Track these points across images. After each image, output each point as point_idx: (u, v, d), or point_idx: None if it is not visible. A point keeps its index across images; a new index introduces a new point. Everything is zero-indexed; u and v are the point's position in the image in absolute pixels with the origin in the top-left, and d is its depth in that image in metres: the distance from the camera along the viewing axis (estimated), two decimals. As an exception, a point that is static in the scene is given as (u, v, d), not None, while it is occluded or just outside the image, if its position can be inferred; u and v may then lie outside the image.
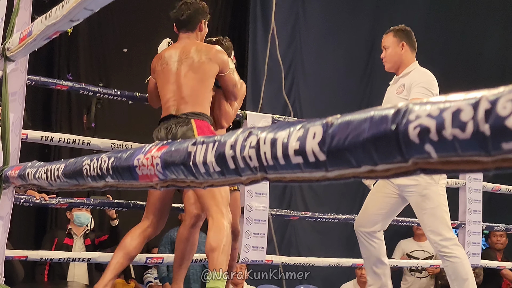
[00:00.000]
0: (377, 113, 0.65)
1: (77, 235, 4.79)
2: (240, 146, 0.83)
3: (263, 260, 4.26)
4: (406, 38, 3.49)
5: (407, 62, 3.49)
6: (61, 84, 3.68)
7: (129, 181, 1.12)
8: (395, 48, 3.48)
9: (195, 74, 3.21)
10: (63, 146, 3.62)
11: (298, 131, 0.74)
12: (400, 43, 3.47)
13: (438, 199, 3.26)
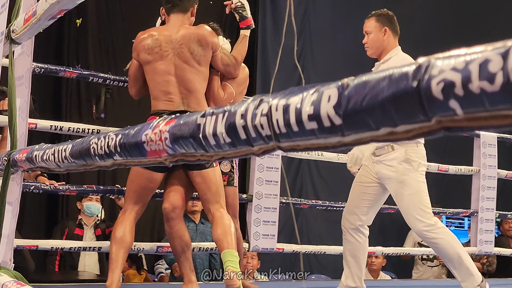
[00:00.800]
0: (396, 71, 0.61)
1: (88, 226, 4.78)
2: (251, 115, 0.80)
3: (274, 248, 4.23)
4: (388, 23, 3.41)
5: (390, 48, 3.40)
6: (70, 71, 3.66)
7: (138, 158, 1.09)
8: (377, 33, 3.40)
9: (198, 66, 3.07)
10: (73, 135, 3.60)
11: (312, 96, 0.71)
12: (382, 28, 3.39)
13: (417, 185, 3.20)
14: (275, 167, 4.26)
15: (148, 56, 3.00)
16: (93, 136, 1.25)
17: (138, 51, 3.04)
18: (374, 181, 3.34)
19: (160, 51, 3.00)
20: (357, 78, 0.66)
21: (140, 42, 3.04)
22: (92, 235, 4.73)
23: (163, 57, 3.00)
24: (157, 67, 2.99)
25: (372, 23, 3.44)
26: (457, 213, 5.34)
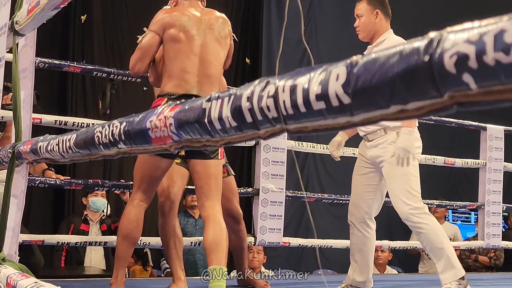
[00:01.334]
0: (407, 46, 0.59)
1: (93, 221, 4.77)
2: (257, 97, 0.78)
3: (280, 242, 4.21)
4: (380, 6, 3.33)
5: (382, 31, 3.32)
6: (74, 65, 3.66)
7: (143, 146, 1.08)
8: (369, 16, 3.31)
9: (221, 50, 2.95)
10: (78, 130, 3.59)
11: (319, 75, 0.69)
12: (374, 11, 3.30)
13: (407, 167, 3.07)
14: (281, 161, 4.24)
15: (178, 33, 2.83)
16: (97, 125, 1.24)
17: (165, 27, 2.84)
18: (371, 168, 3.29)
19: (191, 29, 2.86)
20: (367, 55, 0.64)
21: (171, 18, 2.86)
22: (97, 231, 4.73)
23: (192, 36, 2.86)
24: (183, 46, 2.83)
25: (363, 5, 3.35)
26: (464, 206, 5.31)
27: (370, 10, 3.32)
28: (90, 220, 4.76)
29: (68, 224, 4.74)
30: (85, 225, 4.74)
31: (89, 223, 4.76)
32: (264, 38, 7.17)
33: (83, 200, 4.81)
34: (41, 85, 4.41)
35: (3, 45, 1.85)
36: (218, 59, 2.95)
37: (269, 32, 7.22)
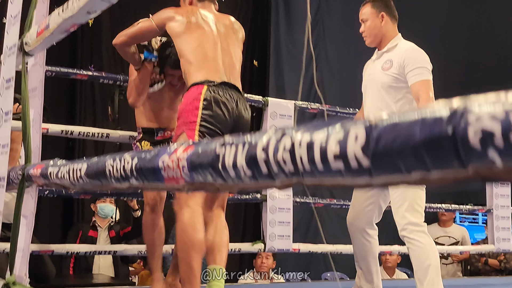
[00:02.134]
0: (429, 114, 0.58)
1: (102, 227, 4.78)
2: (273, 149, 0.77)
3: (290, 249, 4.20)
4: (385, 8, 3.19)
5: (389, 35, 3.20)
6: (81, 73, 3.66)
7: (155, 183, 1.07)
8: (374, 20, 3.18)
9: (239, 48, 2.88)
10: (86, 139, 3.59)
11: (337, 133, 0.68)
12: (379, 14, 3.17)
13: None
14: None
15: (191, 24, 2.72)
16: (108, 156, 1.23)
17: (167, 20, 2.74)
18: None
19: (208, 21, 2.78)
20: (387, 118, 0.63)
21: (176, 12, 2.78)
22: (106, 237, 4.73)
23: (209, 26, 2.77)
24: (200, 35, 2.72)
25: (367, 9, 3.22)
26: (472, 210, 5.29)
27: (375, 13, 3.20)
28: (98, 226, 4.76)
29: (76, 230, 4.75)
30: (93, 232, 4.74)
31: (98, 230, 4.76)
32: (272, 40, 7.15)
33: (91, 206, 4.81)
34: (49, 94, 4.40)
35: (13, 66, 1.85)
36: (238, 54, 2.86)
37: (277, 34, 7.20)
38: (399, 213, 2.97)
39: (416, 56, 3.09)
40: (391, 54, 3.16)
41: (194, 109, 2.57)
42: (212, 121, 2.57)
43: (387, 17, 3.20)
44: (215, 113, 2.57)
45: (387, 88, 3.12)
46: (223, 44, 2.79)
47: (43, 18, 1.87)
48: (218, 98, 2.58)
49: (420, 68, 3.04)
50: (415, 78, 3.02)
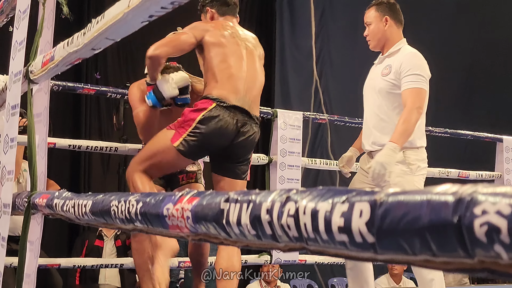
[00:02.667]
0: (435, 197, 0.57)
1: (108, 237, 4.78)
2: (278, 213, 0.76)
3: (296, 260, 4.20)
4: (389, 12, 3.15)
5: (393, 39, 3.15)
6: (88, 88, 3.66)
7: (159, 229, 1.07)
8: (377, 23, 3.14)
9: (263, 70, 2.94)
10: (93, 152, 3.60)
11: (342, 205, 0.67)
12: (383, 17, 3.14)
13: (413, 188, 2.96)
14: (296, 178, 4.23)
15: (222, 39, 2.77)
16: (113, 196, 1.23)
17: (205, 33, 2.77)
18: (371, 185, 3.13)
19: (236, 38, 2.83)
20: (392, 195, 0.62)
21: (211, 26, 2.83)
22: (112, 247, 4.74)
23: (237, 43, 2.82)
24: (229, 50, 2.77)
25: (372, 12, 3.19)
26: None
27: (379, 17, 3.16)
28: (104, 236, 4.77)
29: (82, 240, 4.77)
30: (99, 241, 4.75)
31: (104, 239, 4.77)
32: (277, 47, 7.14)
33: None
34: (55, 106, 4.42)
35: (18, 92, 1.85)
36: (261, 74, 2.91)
37: (282, 41, 7.19)
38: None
39: (414, 63, 3.05)
40: (391, 60, 3.13)
41: (193, 118, 2.64)
42: (200, 137, 2.63)
43: (391, 21, 3.16)
44: (208, 131, 2.63)
45: (384, 94, 3.09)
46: (250, 63, 2.83)
47: (48, 44, 1.87)
48: (219, 120, 2.64)
49: (415, 75, 3.00)
50: (407, 85, 2.99)
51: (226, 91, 2.70)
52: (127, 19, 1.16)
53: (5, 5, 2.21)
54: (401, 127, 2.92)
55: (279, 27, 7.24)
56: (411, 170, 3.03)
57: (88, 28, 1.38)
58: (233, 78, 2.73)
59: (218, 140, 2.69)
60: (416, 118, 2.96)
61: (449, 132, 4.84)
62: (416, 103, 2.95)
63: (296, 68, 7.09)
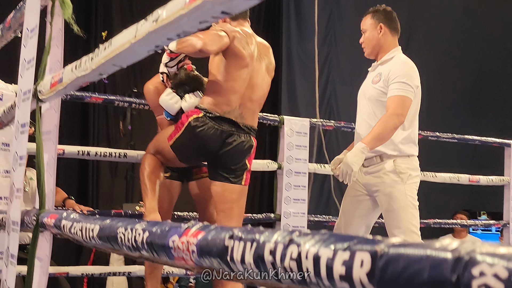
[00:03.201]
0: (435, 253, 0.58)
1: (116, 243, 4.81)
2: (280, 255, 0.78)
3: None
4: (385, 20, 3.17)
5: (387, 47, 3.16)
6: (96, 96, 3.68)
7: (165, 259, 1.08)
8: (372, 31, 3.16)
9: (268, 79, 3.00)
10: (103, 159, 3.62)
11: (343, 252, 0.68)
12: (378, 25, 3.15)
13: (404, 200, 2.98)
14: (302, 185, 4.24)
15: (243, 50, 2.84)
16: (120, 223, 1.24)
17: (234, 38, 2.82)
18: (363, 193, 3.16)
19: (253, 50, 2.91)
20: (392, 247, 0.63)
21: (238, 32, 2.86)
22: (120, 253, 4.77)
23: (252, 57, 2.90)
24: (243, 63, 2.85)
25: (367, 20, 3.21)
26: (488, 225, 5.27)
27: (374, 24, 3.18)
28: (113, 242, 4.80)
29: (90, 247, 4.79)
30: (108, 247, 4.78)
31: (112, 245, 4.80)
32: (284, 51, 7.15)
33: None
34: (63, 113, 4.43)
35: (27, 111, 1.87)
36: (264, 85, 2.99)
37: (288, 45, 7.20)
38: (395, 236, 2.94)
39: (403, 71, 3.05)
40: (383, 68, 3.14)
41: (183, 123, 2.81)
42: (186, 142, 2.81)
43: (385, 28, 3.17)
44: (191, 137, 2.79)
45: (374, 101, 3.12)
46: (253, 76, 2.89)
47: (57, 63, 1.89)
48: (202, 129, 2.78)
49: (401, 83, 3.00)
50: (392, 92, 3.01)
51: (217, 103, 2.82)
52: (134, 49, 1.17)
53: (12, 22, 2.23)
54: (375, 130, 2.94)
55: (285, 31, 7.25)
56: (402, 180, 3.03)
57: (96, 53, 1.39)
58: (229, 91, 2.83)
59: (202, 148, 2.82)
60: (394, 125, 2.95)
61: (456, 138, 4.83)
62: (397, 110, 2.96)
63: (303, 72, 7.10)
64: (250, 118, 2.92)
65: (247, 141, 2.89)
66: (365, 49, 3.25)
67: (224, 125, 2.83)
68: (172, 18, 1.00)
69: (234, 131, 2.85)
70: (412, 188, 3.05)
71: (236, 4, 0.88)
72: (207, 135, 2.79)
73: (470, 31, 7.77)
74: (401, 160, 3.05)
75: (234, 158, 2.87)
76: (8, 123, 2.29)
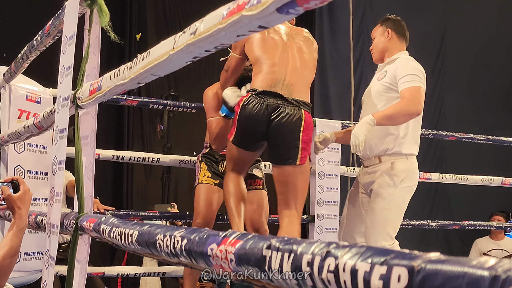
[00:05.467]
0: (472, 271, 0.59)
1: (150, 243, 4.87)
2: (318, 266, 0.79)
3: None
4: (392, 26, 3.27)
5: (393, 51, 3.24)
6: (131, 99, 3.74)
7: (203, 266, 1.11)
8: (380, 36, 3.28)
9: (310, 55, 3.03)
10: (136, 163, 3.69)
11: (380, 267, 0.70)
12: (385, 31, 3.26)
13: (390, 202, 3.03)
14: (334, 187, 4.24)
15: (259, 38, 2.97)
16: (159, 229, 1.27)
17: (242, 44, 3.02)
18: (363, 193, 3.23)
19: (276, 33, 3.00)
20: (429, 262, 0.65)
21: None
22: (154, 253, 4.83)
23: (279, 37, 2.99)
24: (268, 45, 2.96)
25: (377, 28, 3.34)
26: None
27: (382, 30, 3.29)
28: (147, 242, 4.86)
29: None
30: (142, 247, 4.84)
31: (146, 245, 4.86)
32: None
33: (140, 223, 4.92)
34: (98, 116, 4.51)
35: (66, 116, 1.92)
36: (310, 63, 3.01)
37: (321, 45, 7.18)
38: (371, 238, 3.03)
39: (408, 65, 3.13)
40: (389, 66, 3.21)
41: (236, 112, 2.91)
42: (243, 127, 2.87)
43: (393, 33, 3.26)
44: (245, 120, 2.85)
45: (378, 96, 3.18)
46: (291, 52, 2.96)
47: (94, 70, 1.93)
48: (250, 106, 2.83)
49: (410, 75, 3.06)
50: (405, 85, 3.05)
51: (259, 81, 2.88)
52: (172, 60, 1.20)
53: (51, 28, 2.28)
54: (389, 109, 3.00)
55: (318, 31, 7.24)
56: (394, 183, 3.07)
57: (134, 63, 1.42)
58: (266, 68, 2.90)
59: (253, 125, 2.86)
60: (409, 111, 2.98)
61: (491, 139, 4.77)
62: (413, 99, 2.99)
63: (336, 73, 7.08)
64: (298, 92, 2.90)
65: (295, 114, 2.85)
66: (373, 54, 3.35)
67: (269, 99, 2.84)
68: (209, 32, 1.03)
69: (280, 103, 2.85)
70: (402, 192, 3.08)
71: (273, 19, 0.90)
72: (254, 110, 2.83)
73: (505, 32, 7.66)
74: (399, 162, 3.09)
75: (283, 133, 2.85)
76: (47, 127, 2.35)
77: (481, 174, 4.80)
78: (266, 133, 2.86)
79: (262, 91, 2.84)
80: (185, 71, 5.88)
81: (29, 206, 1.85)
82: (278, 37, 2.97)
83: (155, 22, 6.43)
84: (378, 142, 3.14)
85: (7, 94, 3.19)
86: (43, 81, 3.51)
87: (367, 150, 3.18)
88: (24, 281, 3.22)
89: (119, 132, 5.72)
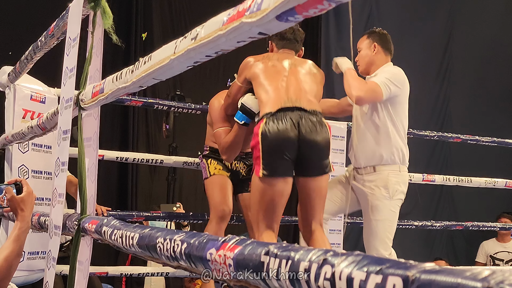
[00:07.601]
0: (465, 282, 0.60)
1: (154, 243, 4.88)
2: (315, 274, 0.80)
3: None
4: (379, 40, 3.36)
5: (379, 64, 3.34)
6: (135, 99, 3.75)
7: (202, 270, 1.11)
8: (366, 49, 3.36)
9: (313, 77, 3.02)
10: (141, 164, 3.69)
11: (376, 276, 0.70)
12: (372, 44, 3.35)
13: (387, 214, 3.17)
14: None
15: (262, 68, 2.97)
16: (159, 233, 1.28)
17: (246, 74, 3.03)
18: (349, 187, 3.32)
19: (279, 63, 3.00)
20: (424, 273, 0.65)
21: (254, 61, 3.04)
22: (158, 253, 4.84)
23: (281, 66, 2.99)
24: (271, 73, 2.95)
25: (363, 40, 3.41)
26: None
27: (369, 43, 3.38)
28: (151, 242, 4.86)
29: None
30: (146, 247, 4.85)
31: (150, 245, 4.86)
32: (322, 50, 7.14)
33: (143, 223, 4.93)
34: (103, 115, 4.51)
35: (69, 118, 1.92)
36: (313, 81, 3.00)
37: (327, 44, 7.18)
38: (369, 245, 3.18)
39: (387, 70, 3.27)
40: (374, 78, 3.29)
41: (257, 144, 2.74)
42: (271, 151, 2.71)
43: (379, 47, 3.36)
44: (272, 142, 2.70)
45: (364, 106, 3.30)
46: (294, 76, 2.95)
47: (97, 71, 1.94)
48: (273, 126, 2.72)
49: (385, 78, 3.17)
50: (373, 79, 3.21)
51: (270, 104, 2.80)
52: (173, 64, 1.21)
53: (55, 30, 2.29)
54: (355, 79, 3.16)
55: (324, 30, 7.23)
56: (390, 196, 3.20)
57: (136, 66, 1.43)
58: (273, 93, 2.84)
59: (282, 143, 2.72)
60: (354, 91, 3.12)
61: (496, 141, 4.76)
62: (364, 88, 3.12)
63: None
64: (310, 106, 2.84)
65: (318, 121, 2.79)
66: (359, 67, 3.43)
67: (289, 113, 2.76)
68: (210, 37, 1.03)
69: (301, 114, 2.77)
70: (396, 203, 3.23)
71: (273, 26, 0.90)
72: (277, 128, 2.72)
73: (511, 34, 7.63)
74: (393, 173, 3.21)
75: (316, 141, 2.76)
76: (51, 129, 2.36)
77: (486, 175, 4.79)
78: (297, 148, 2.74)
79: (278, 109, 2.76)
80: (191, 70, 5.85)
81: (32, 208, 1.85)
82: (280, 66, 2.98)
83: (161, 21, 6.44)
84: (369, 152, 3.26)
85: (11, 93, 3.20)
86: (48, 81, 3.52)
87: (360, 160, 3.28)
88: (27, 280, 3.24)
89: (125, 131, 5.73)
